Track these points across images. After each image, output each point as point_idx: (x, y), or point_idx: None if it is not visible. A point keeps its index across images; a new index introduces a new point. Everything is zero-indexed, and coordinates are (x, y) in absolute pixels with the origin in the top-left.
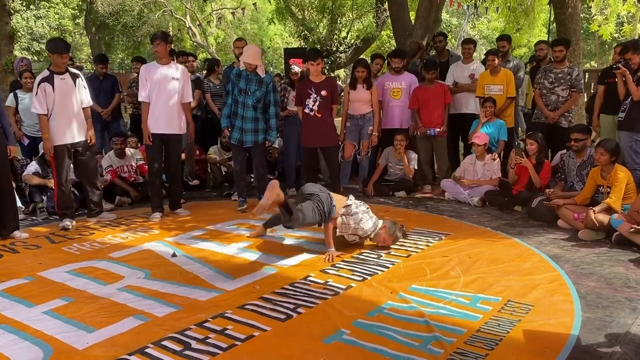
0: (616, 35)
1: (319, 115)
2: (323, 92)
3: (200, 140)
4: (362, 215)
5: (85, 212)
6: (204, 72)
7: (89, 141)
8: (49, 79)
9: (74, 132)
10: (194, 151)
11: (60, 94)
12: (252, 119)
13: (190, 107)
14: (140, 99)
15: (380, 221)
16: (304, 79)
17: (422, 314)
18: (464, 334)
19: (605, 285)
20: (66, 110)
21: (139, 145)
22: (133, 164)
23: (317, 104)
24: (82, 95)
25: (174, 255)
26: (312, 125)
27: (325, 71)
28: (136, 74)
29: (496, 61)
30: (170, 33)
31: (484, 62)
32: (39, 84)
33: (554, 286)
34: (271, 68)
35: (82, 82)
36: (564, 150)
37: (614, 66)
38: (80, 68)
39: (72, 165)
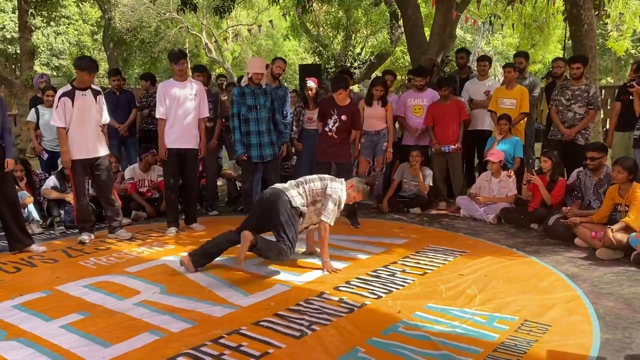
0: (633, 51)
1: (335, 137)
2: (343, 117)
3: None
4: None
5: (102, 225)
6: (216, 88)
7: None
8: (70, 94)
9: (90, 147)
10: (215, 177)
11: (79, 109)
12: (268, 132)
13: (205, 122)
14: (157, 116)
15: (339, 184)
16: (320, 97)
17: (438, 333)
18: (480, 354)
19: (624, 305)
20: (84, 125)
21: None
22: (154, 179)
23: (336, 125)
24: (102, 112)
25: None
26: (328, 142)
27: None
28: (144, 91)
29: (513, 73)
30: (187, 49)
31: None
32: (59, 98)
33: (571, 306)
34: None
35: (102, 98)
36: (581, 168)
37: (628, 84)
38: (103, 89)
39: (89, 180)
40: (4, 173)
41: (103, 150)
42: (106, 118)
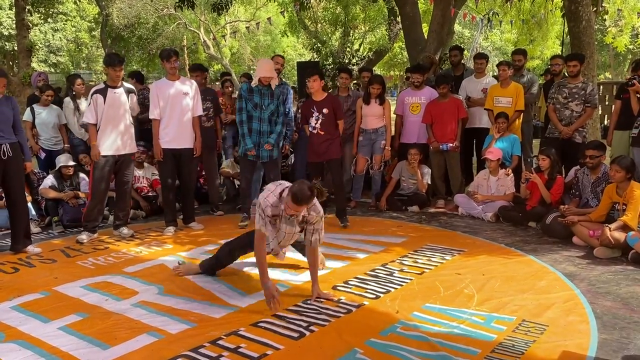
0: (631, 47)
1: (322, 133)
2: (325, 110)
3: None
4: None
5: (101, 225)
6: (217, 83)
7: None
8: (102, 92)
9: (118, 145)
10: (216, 177)
11: (110, 107)
12: (269, 133)
13: (199, 121)
14: (151, 117)
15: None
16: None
17: (436, 334)
18: (478, 355)
19: (622, 305)
20: (114, 123)
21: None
22: (148, 177)
23: (319, 122)
24: (134, 106)
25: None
26: (316, 142)
27: (351, 86)
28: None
29: (507, 71)
30: (185, 45)
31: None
32: (92, 95)
33: (569, 305)
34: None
35: (134, 96)
36: (578, 167)
37: (630, 83)
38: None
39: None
40: (18, 172)
41: (131, 148)
42: (137, 109)
